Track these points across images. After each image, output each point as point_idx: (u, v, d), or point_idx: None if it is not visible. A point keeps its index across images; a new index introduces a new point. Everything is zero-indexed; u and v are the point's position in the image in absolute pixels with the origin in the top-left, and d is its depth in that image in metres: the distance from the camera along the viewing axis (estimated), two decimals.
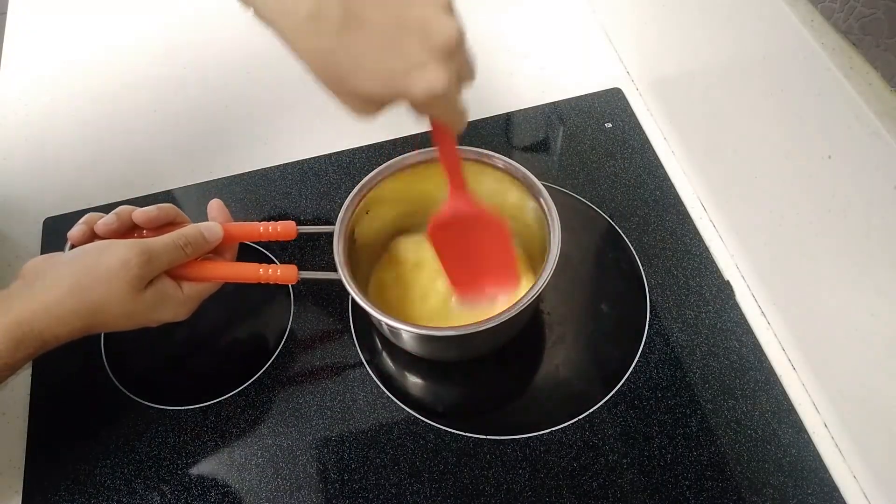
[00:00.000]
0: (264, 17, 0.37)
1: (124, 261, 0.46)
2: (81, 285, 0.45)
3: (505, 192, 0.56)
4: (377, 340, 0.59)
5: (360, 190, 0.54)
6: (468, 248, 0.54)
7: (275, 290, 0.63)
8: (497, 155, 0.55)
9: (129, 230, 0.51)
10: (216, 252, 0.53)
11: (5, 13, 0.88)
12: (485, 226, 0.53)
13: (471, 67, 0.41)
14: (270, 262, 0.64)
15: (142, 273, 0.46)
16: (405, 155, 0.55)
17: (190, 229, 0.50)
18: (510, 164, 0.54)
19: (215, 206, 0.54)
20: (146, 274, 0.47)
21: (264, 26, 0.37)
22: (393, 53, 0.36)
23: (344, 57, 0.37)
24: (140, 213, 0.51)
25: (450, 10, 0.37)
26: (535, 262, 0.57)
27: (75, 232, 0.50)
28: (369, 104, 0.39)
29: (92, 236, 0.50)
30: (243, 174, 0.71)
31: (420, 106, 0.39)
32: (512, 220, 0.58)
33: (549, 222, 0.52)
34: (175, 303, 0.49)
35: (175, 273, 0.50)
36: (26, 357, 0.45)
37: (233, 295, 0.62)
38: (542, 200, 0.53)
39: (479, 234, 0.53)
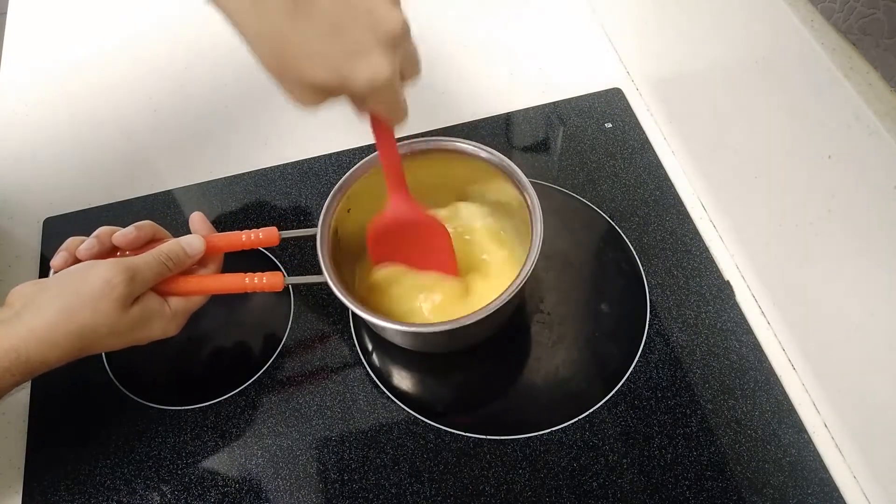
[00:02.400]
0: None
1: (108, 280, 0.46)
2: (68, 309, 0.45)
3: (489, 180, 0.56)
4: (377, 340, 0.59)
5: (338, 190, 0.54)
6: (405, 248, 0.55)
7: (275, 291, 0.62)
8: (480, 145, 0.55)
9: (109, 252, 0.51)
10: (200, 264, 0.53)
11: (5, 13, 0.88)
12: (425, 230, 0.53)
13: (415, 63, 0.42)
14: (271, 262, 0.64)
15: (126, 292, 0.46)
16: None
17: (170, 244, 0.50)
18: (492, 153, 0.55)
19: (197, 218, 0.54)
20: (131, 292, 0.47)
21: (215, 9, 0.38)
22: (339, 39, 0.37)
23: (289, 42, 0.37)
24: (119, 236, 0.51)
25: (397, 2, 0.38)
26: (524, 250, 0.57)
27: (57, 261, 0.50)
28: (313, 93, 0.39)
29: (74, 262, 0.50)
30: (243, 174, 0.71)
31: (361, 97, 0.40)
32: (500, 210, 0.59)
33: (532, 211, 0.52)
34: (163, 319, 0.49)
35: (161, 289, 0.50)
36: (13, 384, 0.45)
37: (232, 295, 0.62)
38: (523, 189, 0.53)
39: (418, 237, 0.54)
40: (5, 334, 0.44)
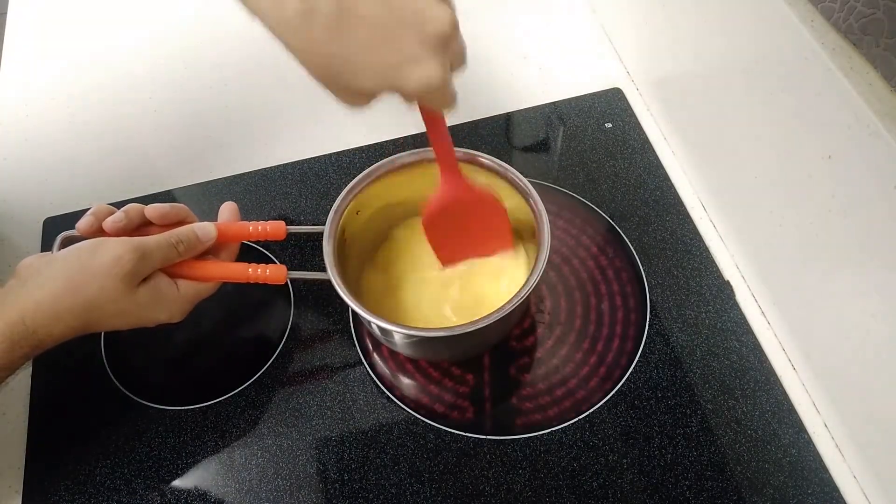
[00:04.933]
0: (255, 13, 0.37)
1: (117, 257, 0.46)
2: (75, 282, 0.45)
3: (497, 191, 0.56)
4: (377, 341, 0.59)
5: (349, 191, 0.54)
6: (461, 229, 0.55)
7: (275, 290, 0.63)
8: (484, 155, 0.55)
9: (136, 228, 0.51)
10: (214, 253, 0.53)
11: (5, 13, 0.88)
12: (479, 205, 0.53)
13: (462, 53, 0.41)
14: (270, 262, 0.64)
15: (135, 269, 0.46)
16: (395, 156, 0.56)
17: (183, 228, 0.50)
18: (498, 163, 0.54)
19: (227, 208, 0.54)
20: (139, 270, 0.47)
21: (255, 21, 0.37)
22: (387, 48, 0.36)
23: (337, 53, 0.36)
24: (153, 209, 0.51)
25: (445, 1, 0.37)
26: (529, 259, 0.57)
27: (83, 224, 0.50)
28: (362, 97, 0.39)
29: (99, 230, 0.50)
30: (243, 174, 0.71)
31: (413, 97, 0.39)
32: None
33: (539, 221, 0.52)
34: (170, 301, 0.49)
35: (168, 272, 0.50)
36: (22, 357, 0.45)
37: (233, 295, 0.62)
38: (531, 200, 0.53)
39: (473, 213, 0.54)
40: (12, 305, 0.44)
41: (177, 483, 0.54)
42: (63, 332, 0.45)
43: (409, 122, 0.72)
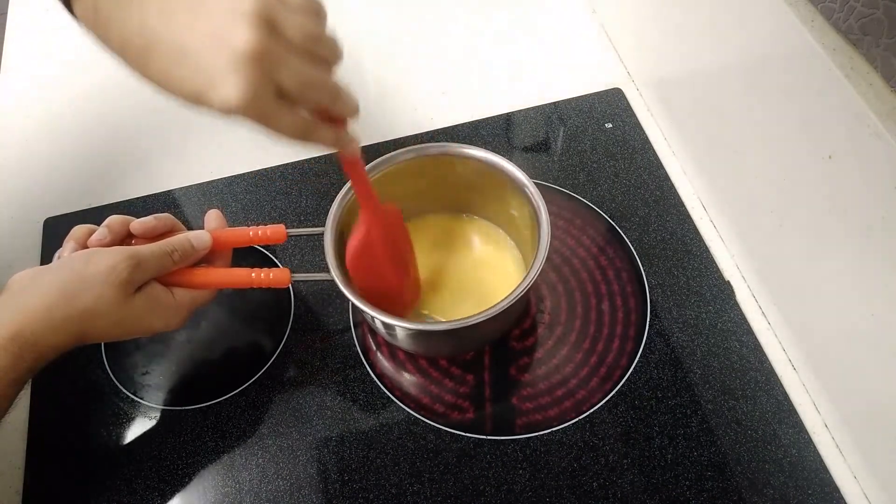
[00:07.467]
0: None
1: (112, 265, 0.45)
2: (70, 291, 0.44)
3: (495, 187, 0.56)
4: (377, 340, 0.59)
5: (347, 191, 0.54)
6: (382, 262, 0.53)
7: (275, 291, 0.62)
8: (483, 150, 0.55)
9: (121, 242, 0.51)
10: (207, 261, 0.52)
11: (5, 13, 0.88)
12: (392, 224, 0.53)
13: (319, 55, 0.39)
14: (272, 263, 0.64)
15: (130, 278, 0.46)
16: (391, 154, 0.56)
17: (178, 238, 0.50)
18: (497, 158, 0.55)
19: (213, 215, 0.54)
20: (134, 279, 0.46)
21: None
22: (189, 71, 0.39)
23: (147, 70, 0.42)
24: (138, 224, 0.51)
25: (250, 17, 0.36)
26: (528, 257, 0.57)
27: (66, 252, 0.49)
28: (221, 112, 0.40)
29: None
30: (243, 174, 0.71)
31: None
32: (504, 216, 0.59)
33: (539, 215, 0.52)
34: (166, 308, 0.48)
35: (167, 280, 0.49)
36: (28, 371, 0.44)
37: (233, 295, 0.62)
38: (529, 194, 0.53)
39: (388, 237, 0.53)
40: (8, 318, 0.43)
41: (177, 483, 0.54)
42: (61, 341, 0.45)
43: (409, 124, 0.72)
